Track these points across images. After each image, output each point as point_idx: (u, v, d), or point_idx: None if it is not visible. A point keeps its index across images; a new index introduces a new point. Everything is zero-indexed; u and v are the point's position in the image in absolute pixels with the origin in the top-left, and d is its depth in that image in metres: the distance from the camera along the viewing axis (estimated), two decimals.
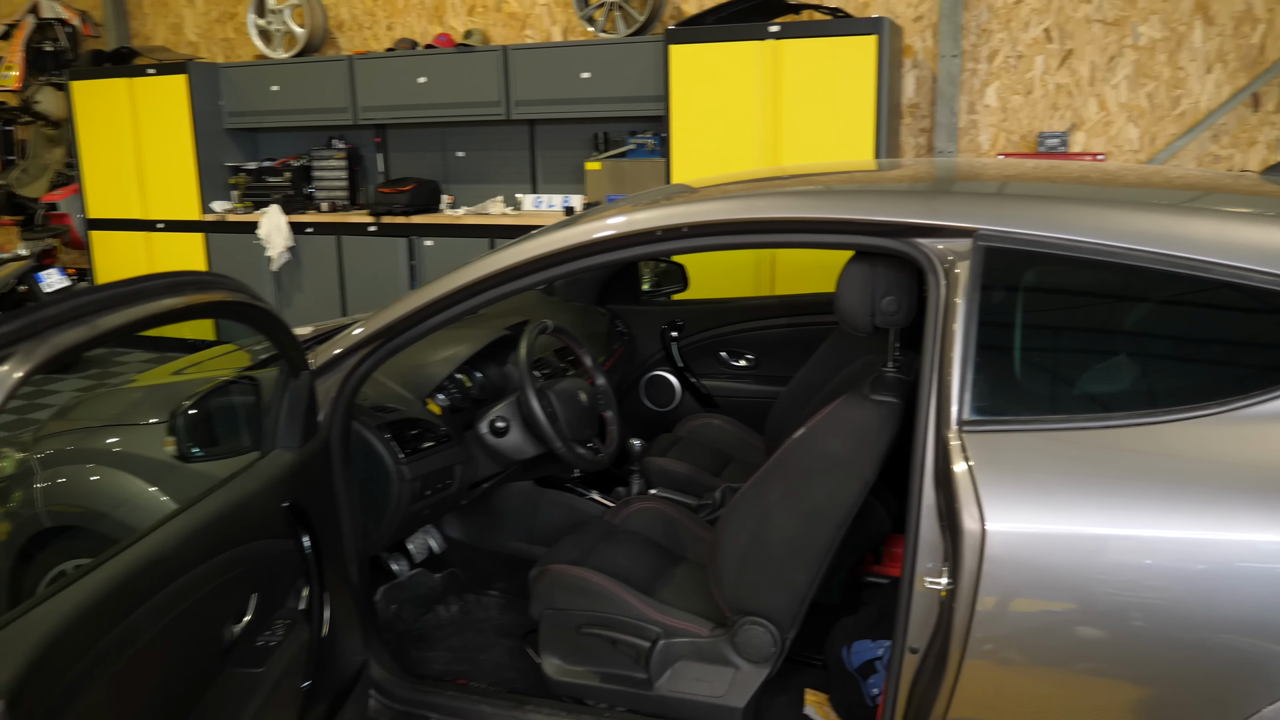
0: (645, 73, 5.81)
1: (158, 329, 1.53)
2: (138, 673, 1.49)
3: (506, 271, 2.17)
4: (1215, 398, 1.68)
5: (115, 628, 1.42)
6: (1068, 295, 1.85)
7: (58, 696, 1.31)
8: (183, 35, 8.01)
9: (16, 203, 8.31)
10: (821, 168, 2.75)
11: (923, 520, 1.81)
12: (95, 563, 1.50)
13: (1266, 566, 1.57)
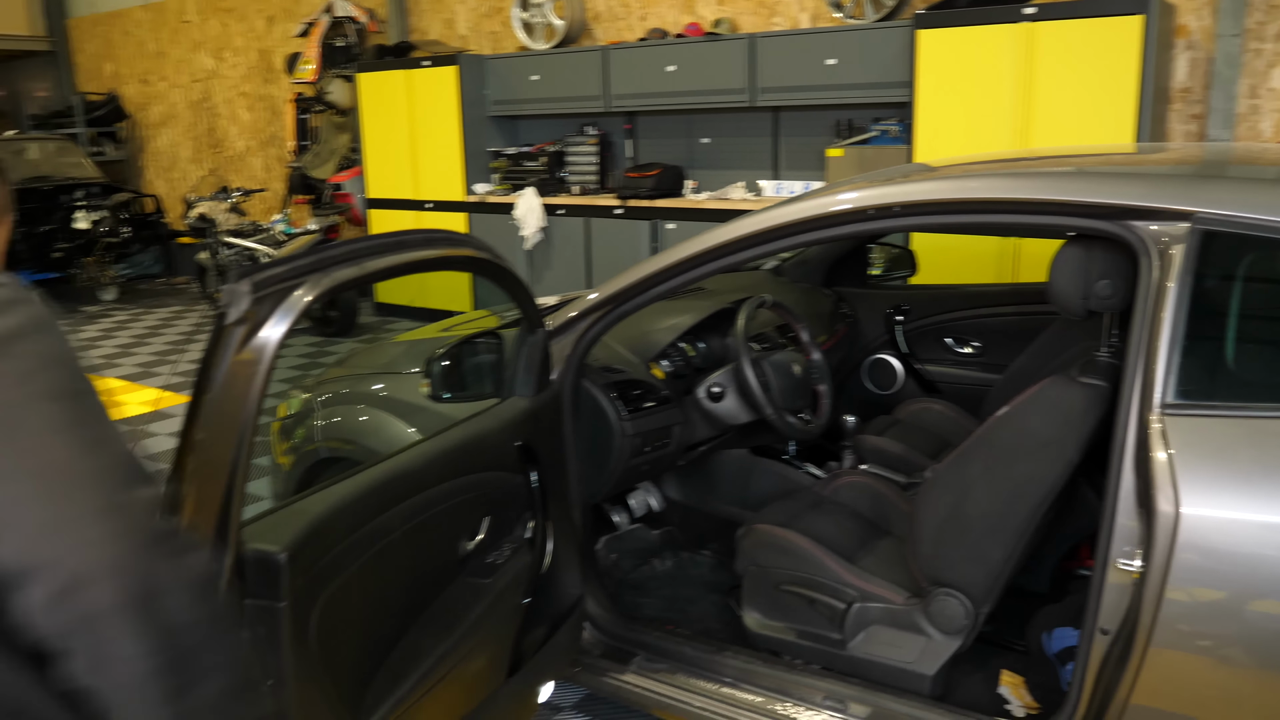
0: (891, 58, 5.79)
1: (425, 302, 1.82)
2: (386, 562, 1.77)
3: (722, 247, 2.32)
4: None
5: (369, 522, 1.72)
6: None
7: (323, 565, 1.60)
8: (455, 29, 8.64)
9: (308, 183, 9.25)
10: (1069, 150, 2.73)
11: (1120, 502, 1.82)
12: (358, 470, 1.80)
13: None
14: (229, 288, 1.42)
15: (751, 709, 2.34)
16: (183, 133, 11.76)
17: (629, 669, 2.51)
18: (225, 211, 8.59)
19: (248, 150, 10.98)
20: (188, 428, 1.41)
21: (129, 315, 9.37)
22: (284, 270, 1.48)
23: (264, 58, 10.47)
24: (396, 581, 1.85)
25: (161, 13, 11.57)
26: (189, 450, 1.40)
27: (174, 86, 11.68)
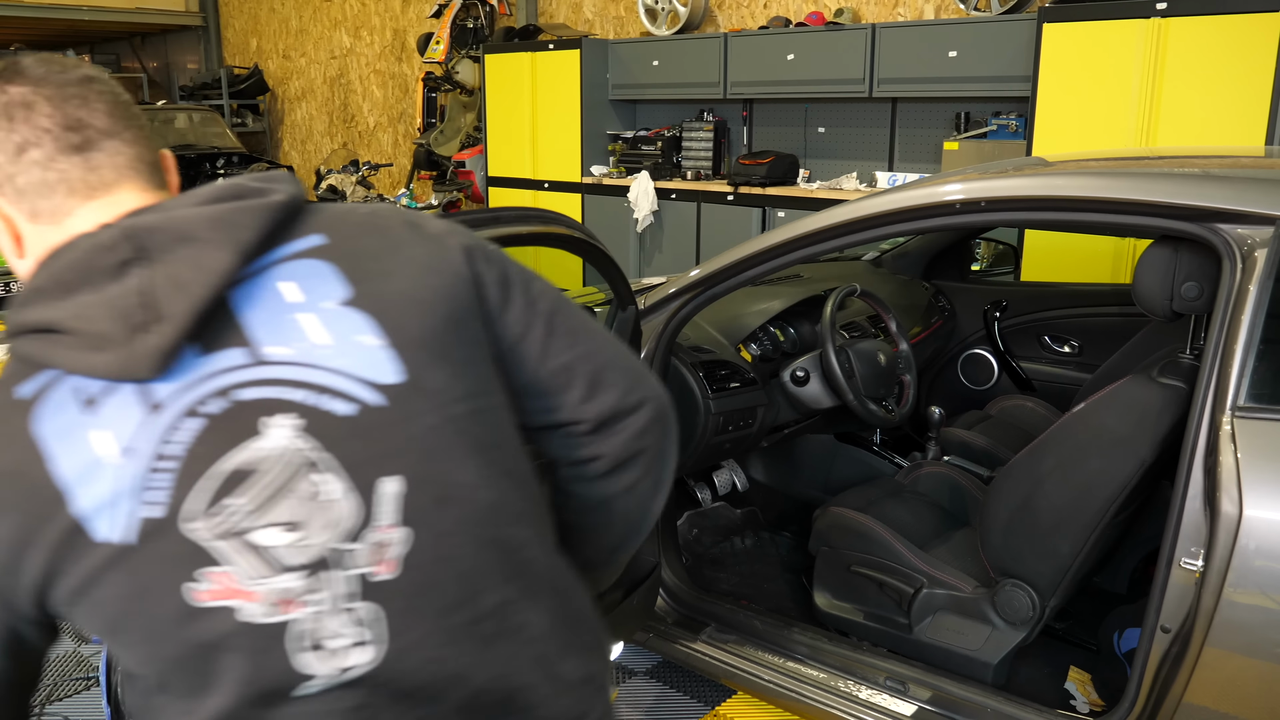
0: (1014, 52, 5.70)
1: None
2: None
3: (811, 235, 2.38)
4: None
5: None
6: None
7: None
8: (581, 14, 8.80)
9: (433, 159, 9.55)
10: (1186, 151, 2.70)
11: (1188, 501, 1.83)
12: None
13: None
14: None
15: (815, 684, 2.41)
16: (318, 107, 12.26)
17: (700, 638, 2.61)
18: (353, 184, 8.96)
19: (378, 126, 11.38)
20: None
21: None
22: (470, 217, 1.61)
23: (398, 37, 10.83)
24: None
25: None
26: None
27: (313, 63, 12.17)
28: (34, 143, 0.96)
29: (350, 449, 0.93)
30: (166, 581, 0.89)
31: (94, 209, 0.99)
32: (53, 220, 0.99)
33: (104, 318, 0.88)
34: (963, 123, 6.26)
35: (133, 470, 0.88)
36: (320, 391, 0.93)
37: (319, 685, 0.92)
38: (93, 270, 0.91)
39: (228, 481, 0.89)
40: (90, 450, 0.88)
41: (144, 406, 0.90)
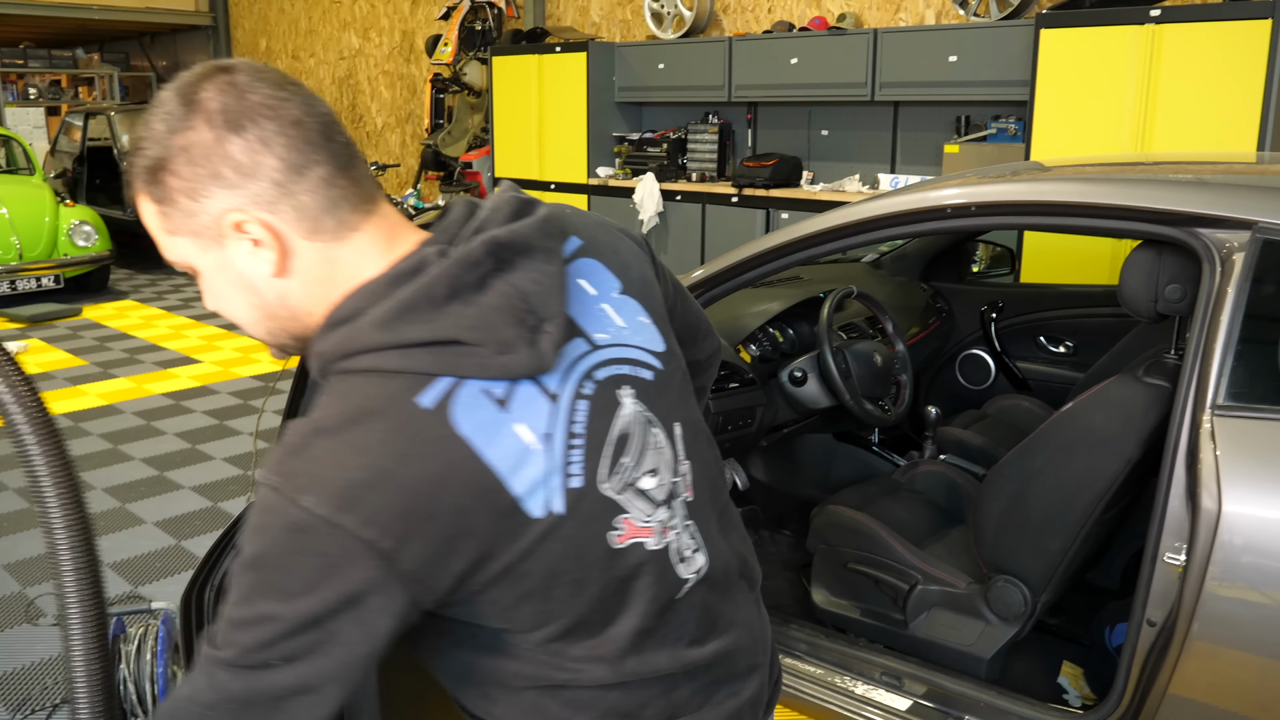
0: (1013, 57, 5.76)
1: None
2: None
3: (809, 238, 2.44)
4: None
5: None
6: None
7: None
8: (588, 17, 8.87)
9: (441, 160, 9.63)
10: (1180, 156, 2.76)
11: (1171, 497, 1.89)
12: None
13: None
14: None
15: (813, 680, 2.46)
16: None
17: None
18: None
19: (386, 126, 11.47)
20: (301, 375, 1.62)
21: None
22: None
23: (406, 38, 10.91)
24: None
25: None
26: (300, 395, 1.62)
27: (321, 63, 12.26)
28: (316, 161, 1.00)
29: (659, 405, 1.15)
30: (594, 536, 1.06)
31: (372, 222, 1.05)
32: (335, 237, 1.02)
33: (505, 325, 0.98)
34: (963, 126, 6.31)
35: (555, 452, 1.02)
36: (634, 364, 1.13)
37: (687, 588, 1.16)
38: (461, 284, 0.99)
39: (617, 446, 1.08)
40: (518, 441, 1.00)
41: (545, 397, 1.03)
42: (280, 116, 0.99)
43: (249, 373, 6.52)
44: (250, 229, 0.99)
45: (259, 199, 0.98)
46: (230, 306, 1.07)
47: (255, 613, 0.94)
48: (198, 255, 1.03)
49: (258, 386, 6.22)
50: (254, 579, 0.94)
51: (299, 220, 1.00)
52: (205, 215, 0.99)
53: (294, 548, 0.93)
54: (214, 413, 5.68)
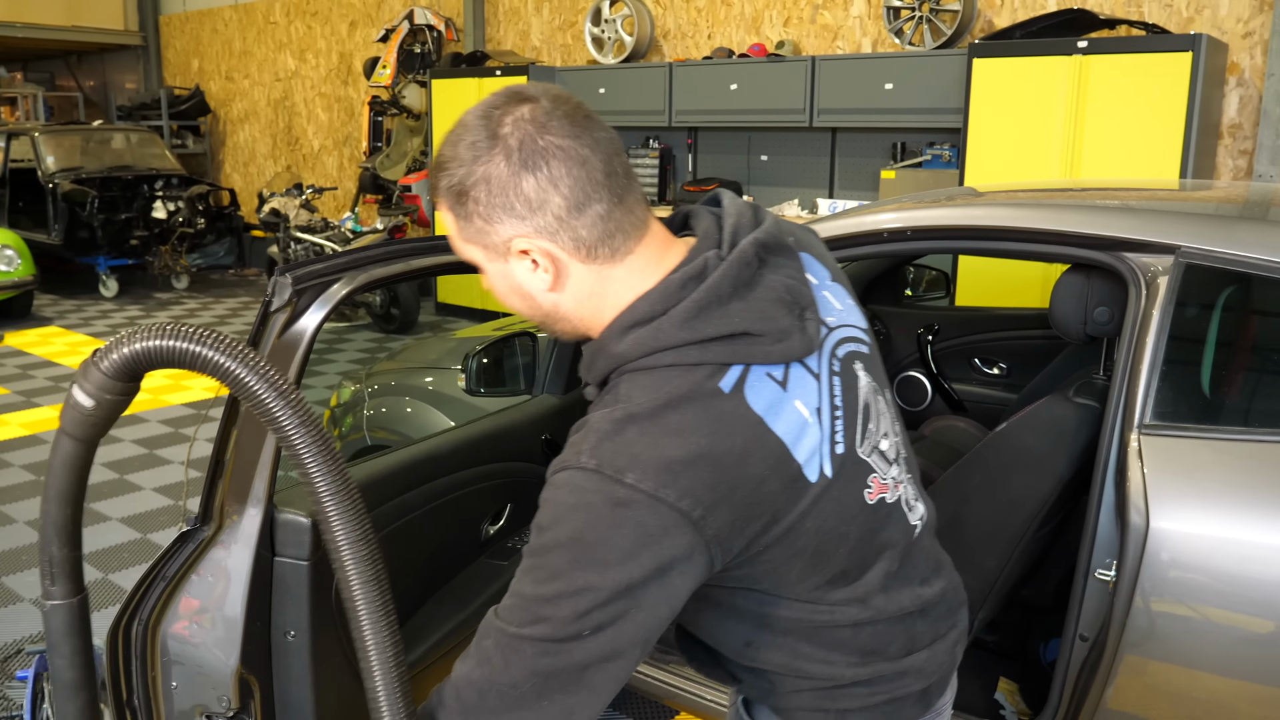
0: (947, 85, 5.89)
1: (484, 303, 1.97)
2: (409, 536, 1.95)
3: None
4: None
5: (395, 498, 1.89)
6: (1261, 314, 1.90)
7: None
8: (529, 41, 8.90)
9: (379, 183, 9.56)
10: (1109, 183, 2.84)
11: (1101, 514, 1.93)
12: (384, 453, 1.97)
13: None
14: (274, 279, 1.60)
15: None
16: (261, 129, 12.20)
17: None
18: (297, 207, 8.93)
19: (322, 149, 11.36)
20: (233, 403, 1.59)
21: (199, 304, 9.77)
22: (324, 266, 1.66)
23: (344, 60, 10.84)
24: (418, 555, 2.03)
25: (250, 13, 12.02)
26: (233, 422, 1.59)
27: (256, 84, 12.12)
28: (596, 199, 1.11)
29: (878, 375, 1.27)
30: (854, 495, 1.18)
31: (644, 244, 1.16)
32: (609, 261, 1.15)
33: (780, 315, 1.12)
34: (899, 152, 6.44)
35: (824, 423, 1.15)
36: (858, 342, 1.25)
37: (917, 533, 1.30)
38: (740, 282, 1.12)
39: (863, 413, 1.20)
40: (798, 416, 1.12)
41: (811, 376, 1.15)
42: (570, 157, 1.10)
43: (180, 400, 6.38)
44: (532, 253, 1.13)
45: (543, 230, 1.11)
46: (507, 302, 1.21)
47: (572, 586, 1.02)
48: (484, 261, 1.18)
49: (189, 414, 6.09)
50: (571, 554, 1.03)
51: (576, 248, 1.13)
52: (495, 236, 1.13)
53: (615, 521, 1.03)
54: (143, 441, 5.55)
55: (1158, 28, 5.48)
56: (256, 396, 0.97)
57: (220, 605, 1.57)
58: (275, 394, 0.97)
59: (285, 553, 1.66)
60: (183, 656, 1.59)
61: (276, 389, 0.98)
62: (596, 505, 1.03)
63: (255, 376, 0.97)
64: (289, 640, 1.66)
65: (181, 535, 1.60)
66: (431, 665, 2.00)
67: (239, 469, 1.58)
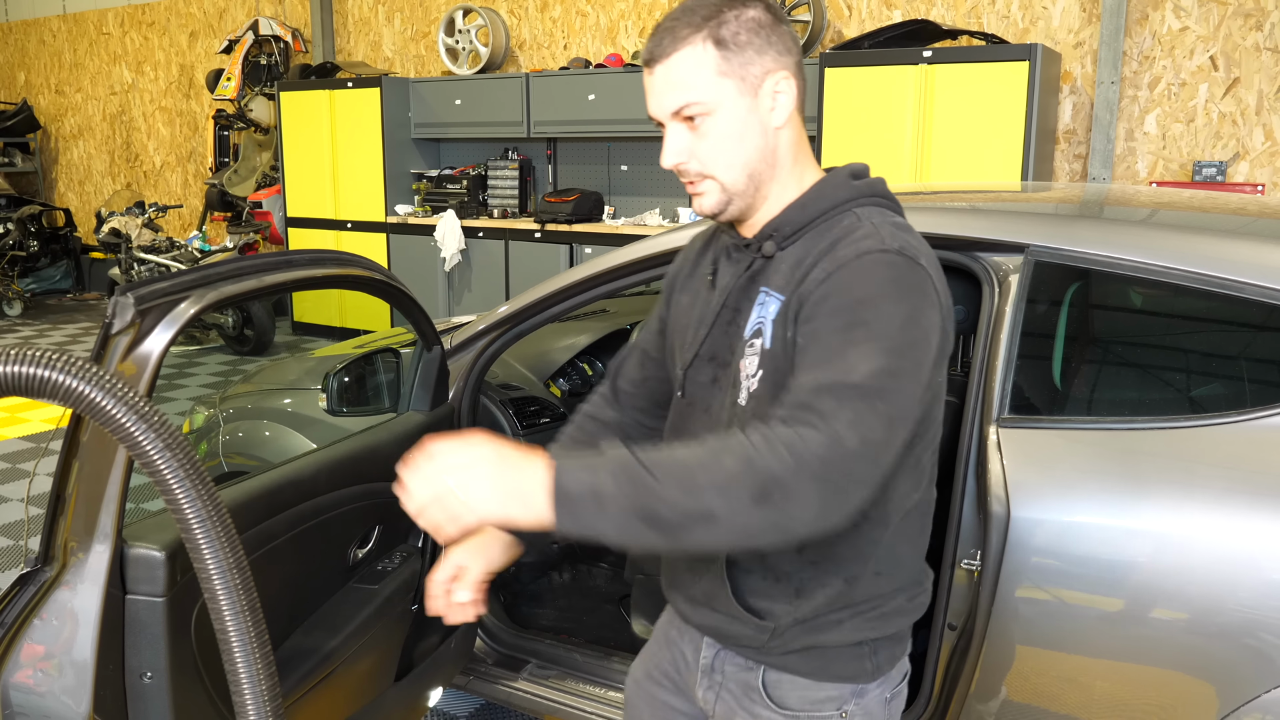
0: None
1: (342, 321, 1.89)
2: (272, 564, 1.86)
3: (611, 271, 2.45)
4: (1233, 408, 1.80)
5: (255, 525, 1.79)
6: (1109, 309, 2.00)
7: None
8: (381, 52, 8.72)
9: (227, 200, 9.22)
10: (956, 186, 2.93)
11: (964, 506, 1.98)
12: (244, 477, 1.87)
13: (1269, 563, 1.68)
14: (114, 299, 1.49)
15: None
16: (98, 146, 11.61)
17: (521, 676, 2.61)
18: (140, 227, 8.52)
19: (165, 165, 10.88)
20: (73, 431, 1.48)
21: (35, 331, 9.21)
22: (169, 285, 1.56)
23: (185, 73, 10.41)
24: (283, 584, 1.93)
25: (80, 23, 11.43)
26: (74, 452, 1.48)
27: (90, 98, 11.53)
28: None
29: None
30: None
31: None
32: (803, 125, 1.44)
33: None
34: None
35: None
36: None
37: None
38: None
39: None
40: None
41: None
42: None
43: (17, 434, 6.00)
44: (782, 92, 1.33)
45: (794, 70, 1.34)
46: (727, 147, 1.34)
47: (910, 338, 1.22)
48: (730, 98, 1.31)
49: (28, 448, 5.72)
50: (905, 312, 1.23)
51: (801, 101, 1.37)
52: (758, 67, 1.31)
53: (920, 291, 1.26)
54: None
55: (996, 38, 5.74)
56: (113, 419, 0.90)
57: (68, 650, 1.46)
58: (132, 413, 0.90)
59: (138, 589, 1.56)
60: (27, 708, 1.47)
61: (134, 409, 0.90)
62: (906, 279, 1.26)
63: (109, 397, 0.89)
64: (146, 682, 1.56)
65: (21, 577, 1.49)
66: (301, 698, 1.91)
67: (83, 503, 1.48)
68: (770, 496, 1.10)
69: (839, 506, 1.13)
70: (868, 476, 1.15)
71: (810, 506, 1.11)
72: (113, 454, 1.49)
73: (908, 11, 6.29)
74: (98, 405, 0.89)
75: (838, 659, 1.41)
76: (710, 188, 1.38)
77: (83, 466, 1.48)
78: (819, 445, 1.12)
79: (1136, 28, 5.67)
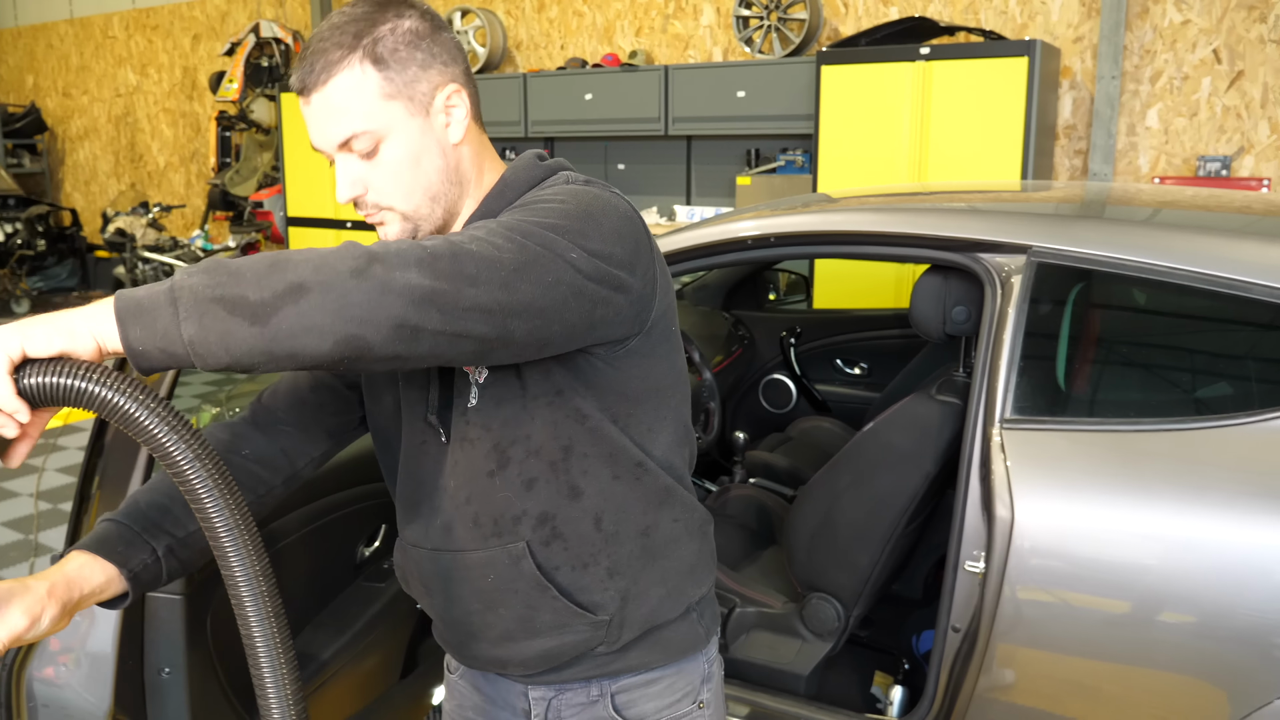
0: (797, 92, 6.02)
1: None
2: (283, 563, 1.87)
3: None
4: (1240, 409, 1.79)
5: (267, 524, 1.81)
6: (1112, 309, 2.00)
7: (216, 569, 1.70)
8: None
9: (229, 200, 9.22)
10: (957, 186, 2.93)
11: (968, 508, 1.98)
12: None
13: (1276, 566, 1.68)
14: None
15: None
16: (103, 147, 11.62)
17: None
18: (144, 226, 8.53)
19: (169, 166, 10.88)
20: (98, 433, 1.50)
21: None
22: None
23: (188, 75, 10.41)
24: (293, 582, 1.95)
25: (86, 27, 11.44)
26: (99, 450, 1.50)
27: (96, 100, 11.54)
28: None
29: None
30: None
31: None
32: (481, 129, 1.35)
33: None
34: (753, 158, 6.55)
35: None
36: None
37: None
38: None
39: None
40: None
41: None
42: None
43: None
44: (455, 106, 1.24)
45: (462, 79, 1.25)
46: (404, 175, 1.22)
47: (584, 210, 1.15)
48: (399, 121, 1.20)
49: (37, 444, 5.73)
50: (585, 202, 1.16)
51: (475, 109, 1.28)
52: (425, 84, 1.22)
53: (623, 221, 1.18)
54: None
55: (995, 34, 5.73)
56: (145, 429, 0.90)
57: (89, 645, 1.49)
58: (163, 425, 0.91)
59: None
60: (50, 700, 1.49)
61: (166, 421, 0.91)
62: (612, 204, 1.19)
63: (141, 408, 0.90)
64: (164, 678, 1.57)
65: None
66: (314, 693, 1.93)
67: (106, 501, 1.50)
68: (369, 270, 0.96)
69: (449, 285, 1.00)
70: (486, 281, 1.02)
71: (413, 278, 0.97)
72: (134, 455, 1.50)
73: (904, 8, 6.28)
74: (131, 416, 0.90)
75: (674, 635, 1.35)
76: (391, 218, 1.25)
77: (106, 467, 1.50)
78: (437, 243, 1.02)
79: (1137, 21, 5.66)
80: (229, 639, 1.73)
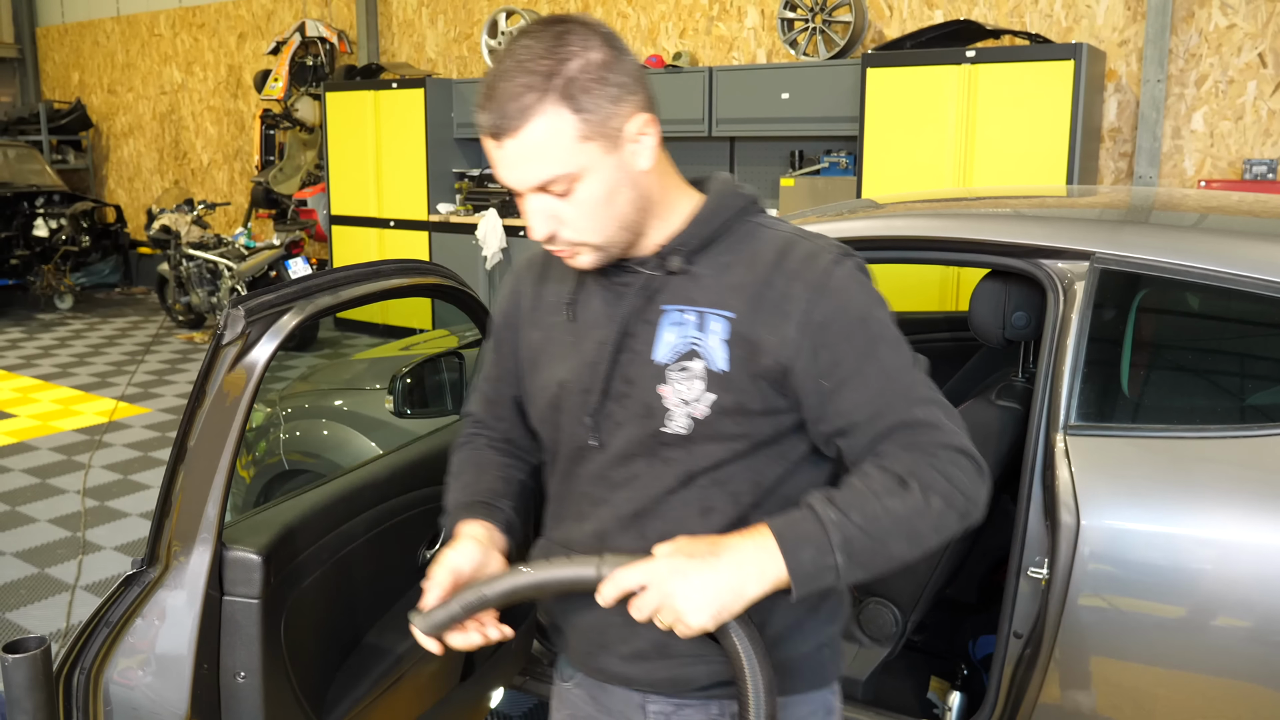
0: (842, 94, 6.02)
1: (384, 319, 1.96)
2: (351, 566, 1.91)
3: None
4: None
5: (336, 528, 1.85)
6: (1174, 315, 2.00)
7: (292, 568, 1.73)
8: (424, 53, 8.79)
9: (273, 198, 9.33)
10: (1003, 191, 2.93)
11: (1031, 514, 1.99)
12: (324, 480, 1.93)
13: None
14: (227, 312, 1.58)
15: None
16: (147, 144, 11.79)
17: None
18: (189, 224, 8.65)
19: (212, 164, 11.03)
20: (183, 436, 1.55)
21: (85, 324, 9.38)
22: (274, 297, 1.64)
23: (233, 73, 10.55)
24: (359, 585, 1.99)
25: (133, 25, 11.61)
26: (182, 457, 1.54)
27: (141, 98, 11.71)
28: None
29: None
30: None
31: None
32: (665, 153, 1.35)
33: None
34: (797, 160, 6.55)
35: None
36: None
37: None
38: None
39: None
40: None
41: None
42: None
43: (70, 426, 6.12)
44: (645, 133, 1.24)
45: (648, 104, 1.26)
46: (601, 212, 1.22)
47: (898, 331, 1.29)
48: (596, 159, 1.20)
49: (82, 440, 5.84)
50: (887, 311, 1.30)
51: (659, 134, 1.28)
52: (619, 119, 1.21)
53: (872, 284, 1.32)
54: (34, 471, 5.30)
55: (1040, 37, 5.70)
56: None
57: (167, 649, 1.52)
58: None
59: (234, 591, 1.61)
60: (127, 704, 1.53)
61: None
62: (866, 278, 1.31)
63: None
64: (239, 682, 1.61)
65: (126, 579, 1.54)
66: (380, 697, 1.96)
67: (187, 508, 1.54)
68: (969, 514, 1.22)
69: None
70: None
71: (984, 497, 1.24)
72: (217, 460, 1.54)
73: (949, 11, 6.26)
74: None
75: (801, 668, 1.33)
76: (585, 250, 1.26)
77: (189, 473, 1.54)
78: (963, 445, 1.23)
79: (1182, 25, 5.61)
80: (301, 643, 1.77)
